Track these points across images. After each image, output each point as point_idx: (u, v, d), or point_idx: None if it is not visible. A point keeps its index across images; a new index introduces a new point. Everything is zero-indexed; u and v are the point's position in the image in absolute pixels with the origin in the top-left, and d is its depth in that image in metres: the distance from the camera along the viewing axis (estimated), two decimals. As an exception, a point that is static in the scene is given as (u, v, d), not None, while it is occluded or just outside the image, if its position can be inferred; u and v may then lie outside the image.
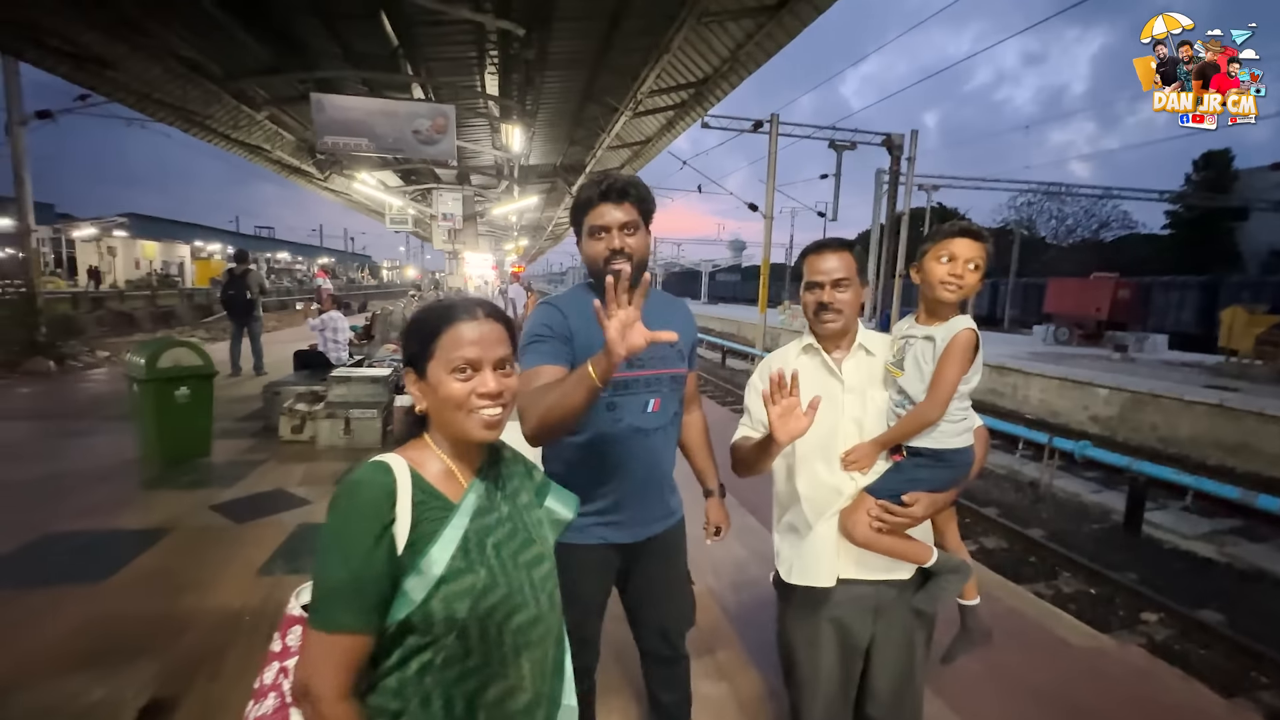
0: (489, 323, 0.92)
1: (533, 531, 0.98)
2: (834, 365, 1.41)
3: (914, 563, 1.35)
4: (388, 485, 0.84)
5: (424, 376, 0.91)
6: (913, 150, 18.66)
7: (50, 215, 25.56)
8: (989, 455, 5.80)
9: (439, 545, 0.84)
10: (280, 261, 45.03)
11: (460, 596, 0.83)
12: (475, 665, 0.85)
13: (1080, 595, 5.01)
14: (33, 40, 5.94)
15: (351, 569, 0.79)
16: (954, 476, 1.32)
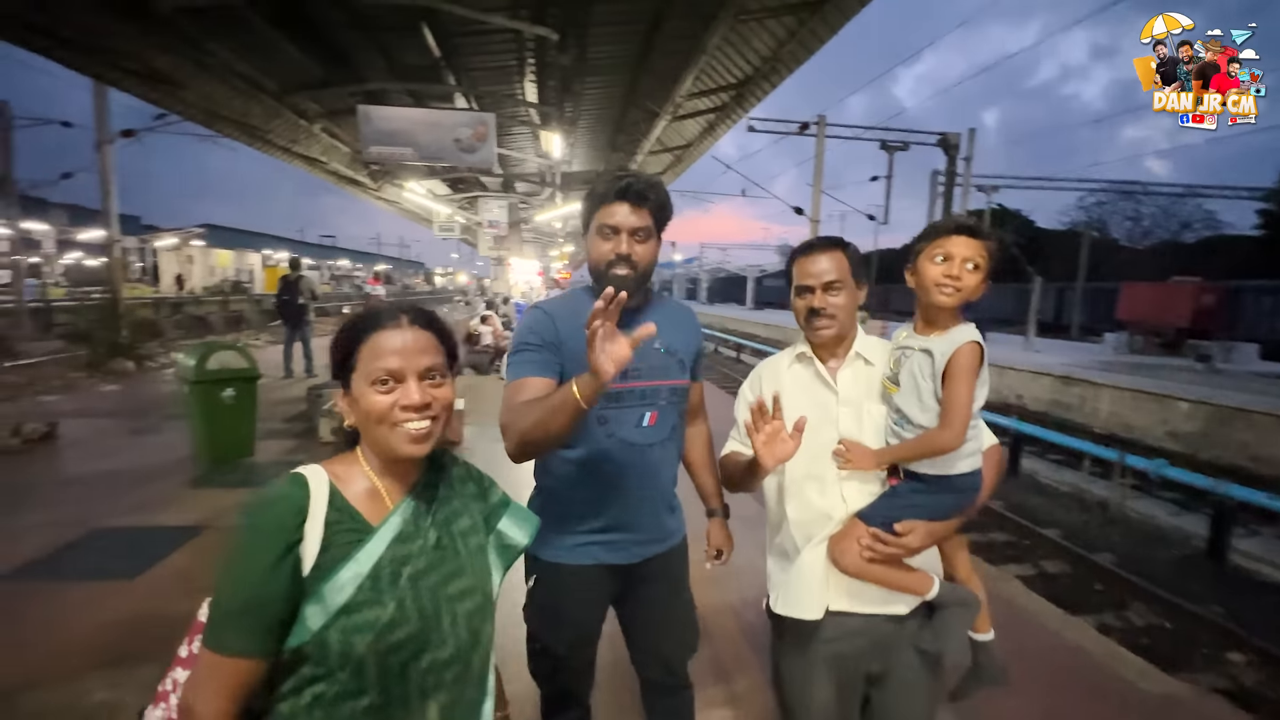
0: (414, 330, 0.84)
1: (466, 561, 0.88)
2: (828, 376, 1.28)
3: (912, 594, 1.20)
4: (298, 501, 0.78)
5: (349, 389, 0.84)
6: (970, 150, 17.83)
7: (136, 226, 27.65)
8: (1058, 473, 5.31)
9: (345, 572, 0.77)
10: (340, 268, 47.25)
11: (361, 630, 0.76)
12: (371, 704, 0.78)
13: (1154, 630, 4.56)
14: (113, 64, 6.39)
15: (248, 590, 0.74)
16: (957, 504, 1.17)
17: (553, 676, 1.48)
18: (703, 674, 2.22)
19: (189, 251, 29.15)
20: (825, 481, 1.24)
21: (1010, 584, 3.26)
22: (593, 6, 5.28)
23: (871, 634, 1.24)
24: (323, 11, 5.34)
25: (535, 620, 1.45)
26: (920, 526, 1.14)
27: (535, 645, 1.46)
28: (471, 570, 0.89)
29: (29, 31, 5.30)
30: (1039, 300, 17.86)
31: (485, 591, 0.90)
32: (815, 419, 1.23)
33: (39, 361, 11.82)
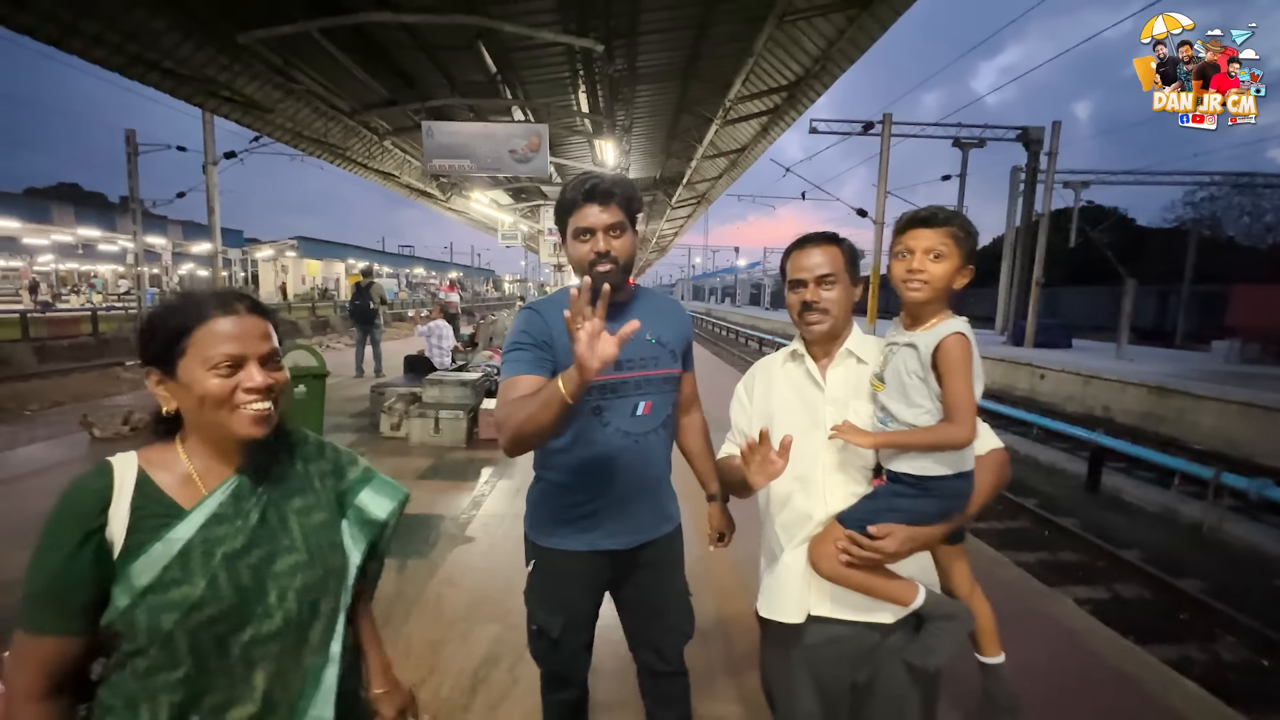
0: (250, 317, 0.87)
1: (299, 539, 0.91)
2: (817, 375, 1.25)
3: (894, 603, 1.15)
4: (99, 490, 0.82)
5: (174, 376, 0.84)
6: (1054, 145, 16.64)
7: (238, 239, 30.35)
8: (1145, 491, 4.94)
9: (148, 555, 0.81)
10: (416, 276, 49.87)
11: (168, 608, 0.80)
12: (187, 675, 0.82)
13: (1245, 665, 4.11)
14: (212, 93, 7.11)
15: (50, 575, 0.78)
16: (941, 509, 1.11)
17: (549, 657, 1.55)
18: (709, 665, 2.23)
19: (284, 262, 31.71)
20: (809, 482, 1.22)
21: (1062, 604, 3.05)
22: (639, 16, 5.39)
23: (855, 642, 1.20)
24: (388, 35, 5.74)
25: (533, 603, 1.52)
26: (898, 531, 1.08)
27: (533, 627, 1.53)
28: (306, 547, 0.91)
29: (146, 67, 6.00)
30: (1134, 304, 16.34)
31: (328, 566, 0.92)
32: (802, 418, 1.23)
33: (154, 360, 13.20)
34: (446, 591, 2.83)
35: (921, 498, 1.10)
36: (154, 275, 25.27)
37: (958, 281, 1.11)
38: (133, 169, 15.46)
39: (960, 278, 1.11)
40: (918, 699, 1.20)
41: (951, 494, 1.11)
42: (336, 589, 0.94)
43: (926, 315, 1.12)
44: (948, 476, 1.09)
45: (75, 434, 5.48)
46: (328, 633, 0.93)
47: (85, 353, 14.04)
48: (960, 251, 1.09)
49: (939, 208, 1.13)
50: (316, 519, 0.94)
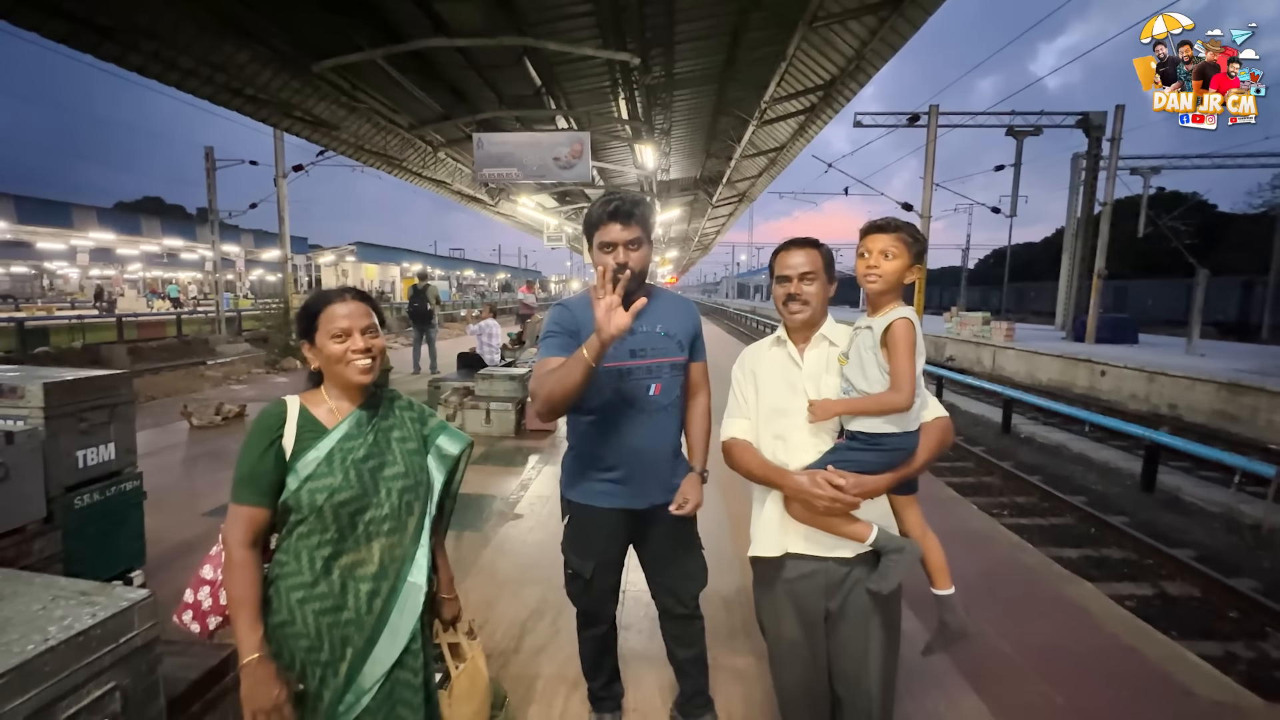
0: (354, 303, 1.27)
1: (400, 457, 1.32)
2: (797, 355, 1.50)
3: (852, 539, 1.39)
4: (279, 414, 1.25)
5: (314, 344, 1.27)
6: (1117, 129, 15.84)
7: (303, 246, 32.25)
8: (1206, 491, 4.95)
9: (306, 457, 1.23)
10: (466, 278, 51.54)
11: (320, 491, 1.21)
12: (330, 538, 1.23)
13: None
14: (285, 114, 7.81)
15: (249, 465, 1.21)
16: (887, 461, 1.34)
17: (583, 596, 1.86)
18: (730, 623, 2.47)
19: (344, 266, 33.48)
20: (787, 441, 1.47)
21: (1080, 585, 3.13)
22: (674, 27, 5.64)
23: (826, 575, 1.44)
24: (443, 57, 6.20)
25: (568, 550, 1.84)
26: (849, 478, 1.33)
27: (569, 571, 1.84)
28: (404, 463, 1.32)
29: (230, 94, 6.68)
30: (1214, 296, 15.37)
31: (418, 480, 1.34)
32: (784, 390, 1.49)
33: (231, 360, 14.38)
34: (498, 559, 3.18)
35: (870, 451, 1.35)
36: (229, 281, 27.20)
37: (908, 277, 1.36)
38: (211, 183, 16.81)
39: (910, 274, 1.36)
40: (879, 620, 1.43)
41: (892, 448, 1.35)
42: (424, 499, 1.36)
43: (883, 304, 1.37)
44: (893, 434, 1.34)
45: (177, 422, 6.18)
46: (419, 529, 1.35)
47: (171, 354, 15.38)
48: (909, 253, 1.35)
49: (892, 218, 1.37)
50: (410, 446, 1.36)
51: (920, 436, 1.37)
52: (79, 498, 1.94)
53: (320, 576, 1.23)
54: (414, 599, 1.31)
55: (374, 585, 1.26)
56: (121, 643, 1.20)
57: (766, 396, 1.51)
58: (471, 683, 1.50)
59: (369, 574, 1.26)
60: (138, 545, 2.28)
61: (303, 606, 1.22)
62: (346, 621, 1.24)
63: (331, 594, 1.23)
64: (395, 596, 1.29)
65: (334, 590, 1.23)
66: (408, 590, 1.31)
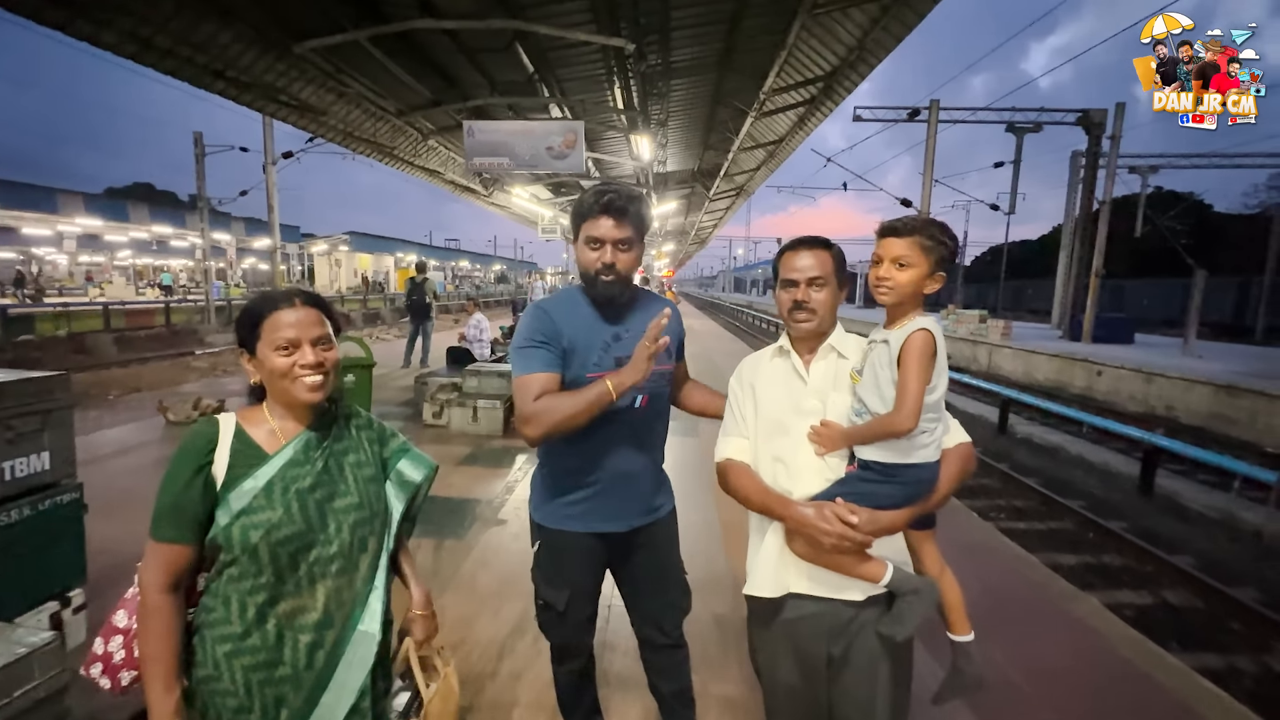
0: (304, 309, 1.10)
1: (353, 485, 1.15)
2: (801, 368, 1.34)
3: (865, 580, 1.23)
4: (209, 435, 1.07)
5: (254, 355, 1.10)
6: (1117, 128, 15.71)
7: (295, 235, 31.85)
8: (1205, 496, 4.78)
9: (244, 485, 1.06)
10: (462, 269, 51.16)
11: (255, 527, 1.04)
12: (266, 582, 1.06)
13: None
14: (271, 99, 7.56)
15: (171, 495, 1.03)
16: (905, 495, 1.19)
17: (557, 629, 1.68)
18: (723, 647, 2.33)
19: (337, 255, 33.12)
20: (789, 464, 1.30)
21: (1086, 603, 3.01)
22: (669, 13, 5.44)
23: (830, 617, 1.28)
24: (430, 41, 5.98)
25: (539, 579, 1.65)
26: (862, 513, 1.16)
27: (540, 602, 1.67)
28: (358, 493, 1.15)
29: (213, 77, 6.44)
30: (1210, 296, 15.32)
31: (374, 511, 1.17)
32: (786, 408, 1.32)
33: (221, 350, 14.14)
34: (479, 571, 3.02)
35: (886, 484, 1.18)
36: (219, 269, 26.84)
37: (927, 287, 1.18)
38: (200, 169, 16.48)
39: (930, 284, 1.18)
40: (889, 669, 1.27)
41: (913, 480, 1.19)
42: (380, 532, 1.18)
43: (899, 315, 1.20)
44: (912, 465, 1.17)
45: (153, 418, 5.98)
46: (373, 566, 1.17)
47: (159, 343, 15.12)
48: (928, 259, 1.17)
49: (910, 218, 1.20)
50: (366, 473, 1.19)
51: (940, 465, 1.21)
52: (4, 514, 1.77)
53: (253, 626, 1.06)
54: (364, 650, 1.14)
55: (316, 636, 1.09)
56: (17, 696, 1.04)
57: (767, 413, 1.34)
58: (444, 704, 1.33)
59: (311, 623, 1.09)
60: (77, 562, 2.11)
61: (231, 661, 1.06)
62: (282, 678, 1.07)
63: (265, 646, 1.07)
64: (342, 648, 1.12)
65: (268, 642, 1.07)
66: (357, 640, 1.14)
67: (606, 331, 1.53)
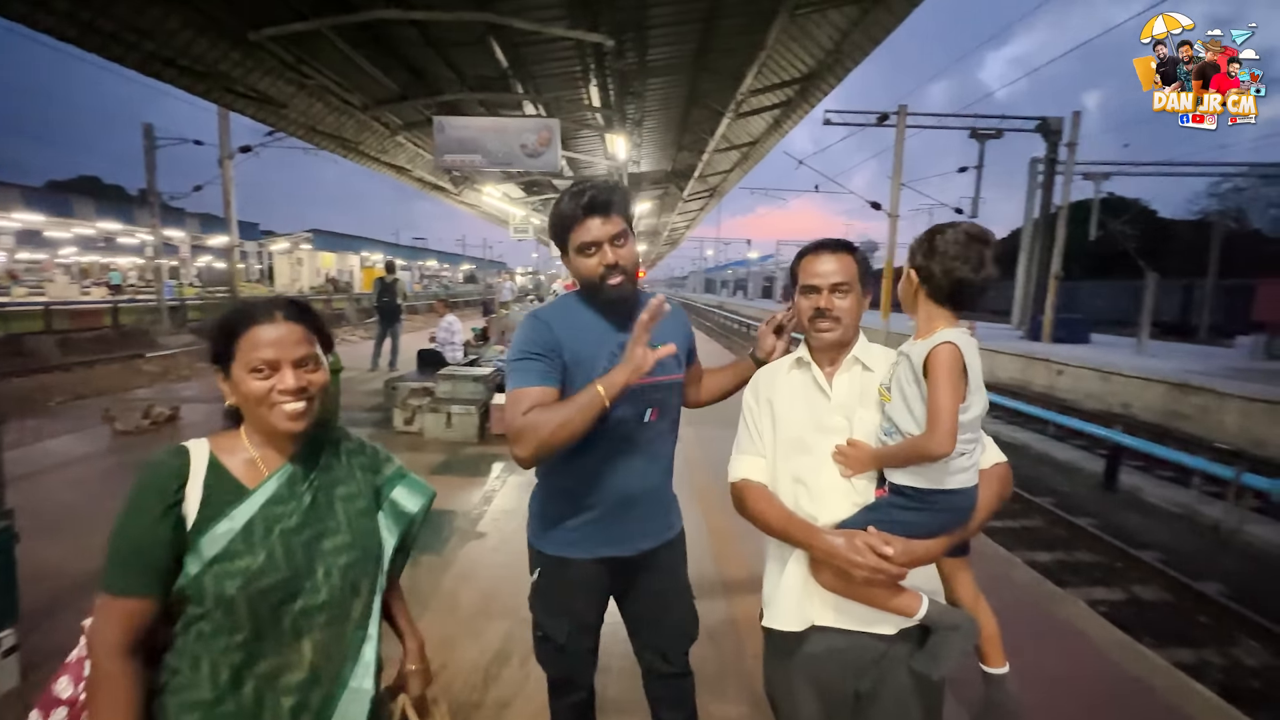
0: (287, 325, 0.95)
1: (344, 522, 1.00)
2: (823, 381, 1.24)
3: (897, 614, 1.14)
4: (177, 468, 0.92)
5: (229, 376, 0.95)
6: (1074, 135, 16.30)
7: (255, 232, 30.67)
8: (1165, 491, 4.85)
9: (219, 527, 0.90)
10: (429, 269, 50.15)
11: (231, 576, 0.88)
12: (244, 639, 0.90)
13: (1269, 670, 4.04)
14: (227, 89, 7.18)
15: (133, 539, 0.87)
16: (941, 524, 1.10)
17: (557, 662, 1.56)
18: (720, 666, 2.24)
19: (299, 254, 32.02)
20: (811, 487, 1.20)
21: (1075, 605, 3.02)
22: (646, 10, 5.34)
23: (857, 652, 1.19)
24: (398, 32, 5.74)
25: (539, 610, 1.53)
26: (896, 543, 1.07)
27: (539, 633, 1.54)
28: (350, 530, 1.00)
29: (162, 64, 6.06)
30: (1156, 298, 16.01)
31: (367, 549, 1.02)
32: (807, 425, 1.23)
33: (173, 353, 13.46)
34: (459, 587, 2.87)
35: (922, 511, 1.09)
36: (172, 267, 25.65)
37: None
38: (151, 162, 15.67)
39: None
40: (920, 708, 1.19)
41: (951, 508, 1.10)
42: (374, 572, 1.04)
43: (931, 326, 1.11)
44: (950, 491, 1.08)
45: (98, 427, 5.59)
46: (366, 612, 1.03)
47: (107, 345, 14.31)
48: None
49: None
50: (359, 506, 1.04)
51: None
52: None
53: (227, 691, 0.90)
54: (356, 709, 1.00)
55: (301, 697, 0.94)
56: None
57: (786, 430, 1.24)
58: None
59: (295, 683, 0.94)
60: (7, 600, 1.89)
61: None
62: None
63: (242, 712, 0.91)
64: (331, 708, 0.98)
65: (245, 707, 0.91)
66: (348, 699, 0.99)
67: (612, 339, 1.41)
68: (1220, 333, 20.54)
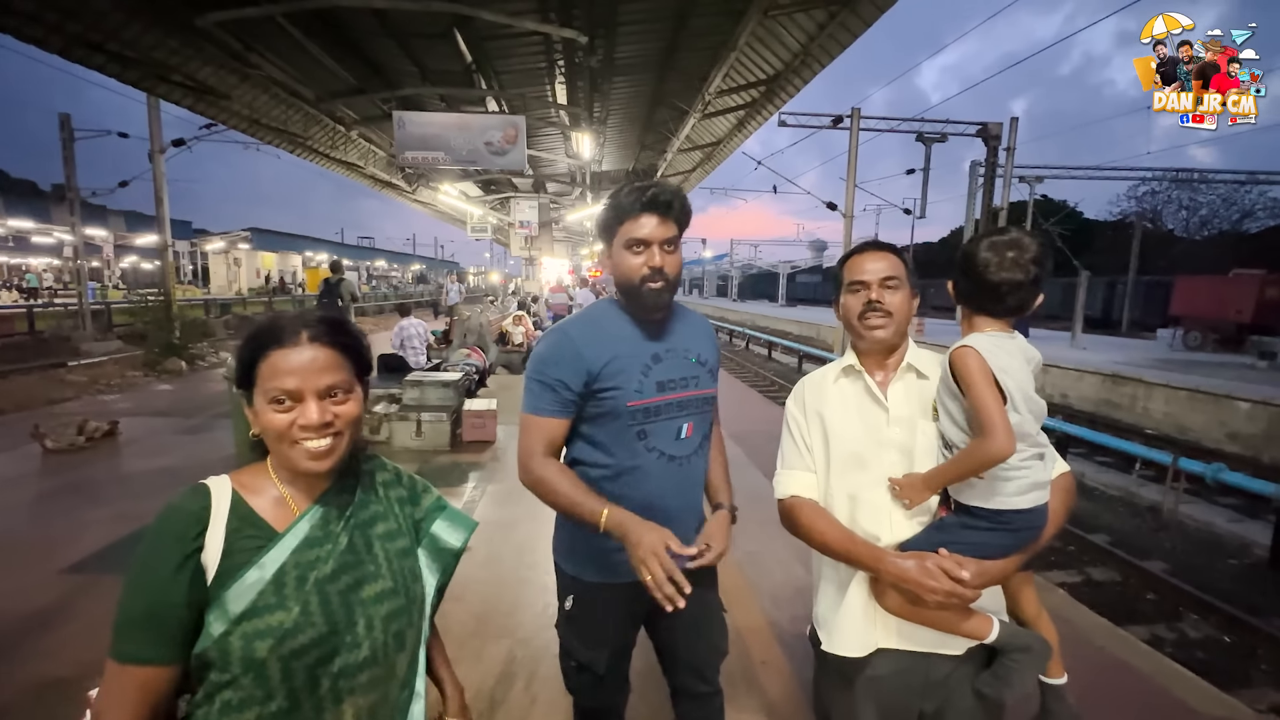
0: (313, 348, 0.83)
1: (384, 565, 0.89)
2: (878, 391, 1.19)
3: (968, 638, 1.12)
4: (197, 512, 0.79)
5: (252, 404, 0.84)
6: (1012, 140, 17.21)
7: (187, 231, 28.87)
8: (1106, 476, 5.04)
9: (247, 578, 0.78)
10: (378, 269, 48.43)
11: (262, 635, 0.77)
12: (279, 709, 0.78)
13: (1210, 643, 4.34)
14: (162, 78, 6.67)
15: (148, 598, 0.75)
16: (1013, 543, 1.07)
17: (594, 693, 1.48)
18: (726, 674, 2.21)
19: (235, 254, 30.30)
20: (873, 506, 1.16)
21: (1053, 593, 3.14)
22: (619, 6, 5.27)
23: (924, 673, 1.16)
24: (355, 21, 5.47)
25: (572, 638, 1.45)
26: (969, 565, 1.04)
27: (571, 662, 1.46)
28: (391, 574, 0.89)
29: (88, 49, 5.57)
30: (1086, 295, 17.12)
31: (410, 595, 0.91)
32: (865, 439, 1.18)
33: (100, 361, 12.48)
34: (452, 608, 2.73)
35: (993, 532, 1.06)
36: (94, 269, 23.82)
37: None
38: (69, 155, 14.46)
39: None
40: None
41: (1023, 526, 1.07)
42: (419, 620, 0.93)
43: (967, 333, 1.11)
44: (1022, 510, 1.06)
45: (25, 445, 5.09)
46: (412, 666, 0.92)
47: (22, 354, 13.13)
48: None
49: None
50: (399, 545, 0.93)
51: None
52: None
53: None
54: None
55: None
56: None
57: (841, 445, 1.19)
58: None
59: None
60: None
61: None
62: None
63: None
64: None
65: None
66: None
67: (646, 351, 1.35)
68: (1141, 326, 22.10)
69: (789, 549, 3.02)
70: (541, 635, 2.53)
